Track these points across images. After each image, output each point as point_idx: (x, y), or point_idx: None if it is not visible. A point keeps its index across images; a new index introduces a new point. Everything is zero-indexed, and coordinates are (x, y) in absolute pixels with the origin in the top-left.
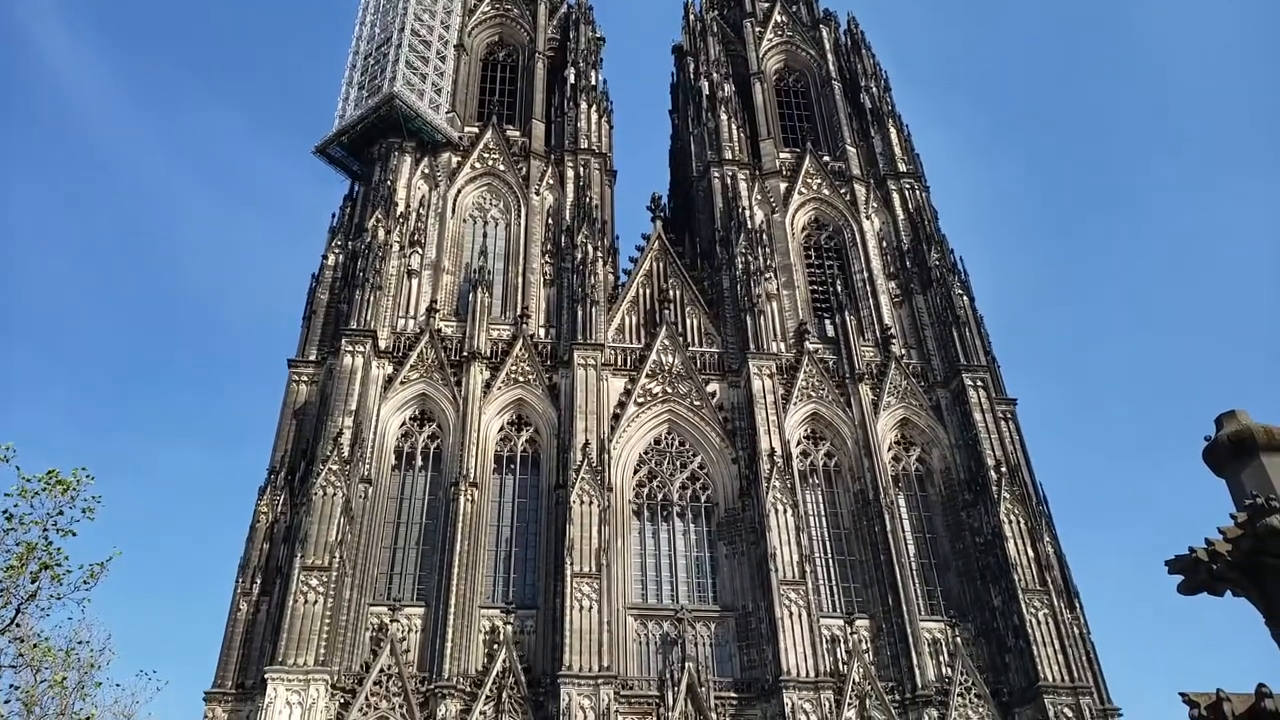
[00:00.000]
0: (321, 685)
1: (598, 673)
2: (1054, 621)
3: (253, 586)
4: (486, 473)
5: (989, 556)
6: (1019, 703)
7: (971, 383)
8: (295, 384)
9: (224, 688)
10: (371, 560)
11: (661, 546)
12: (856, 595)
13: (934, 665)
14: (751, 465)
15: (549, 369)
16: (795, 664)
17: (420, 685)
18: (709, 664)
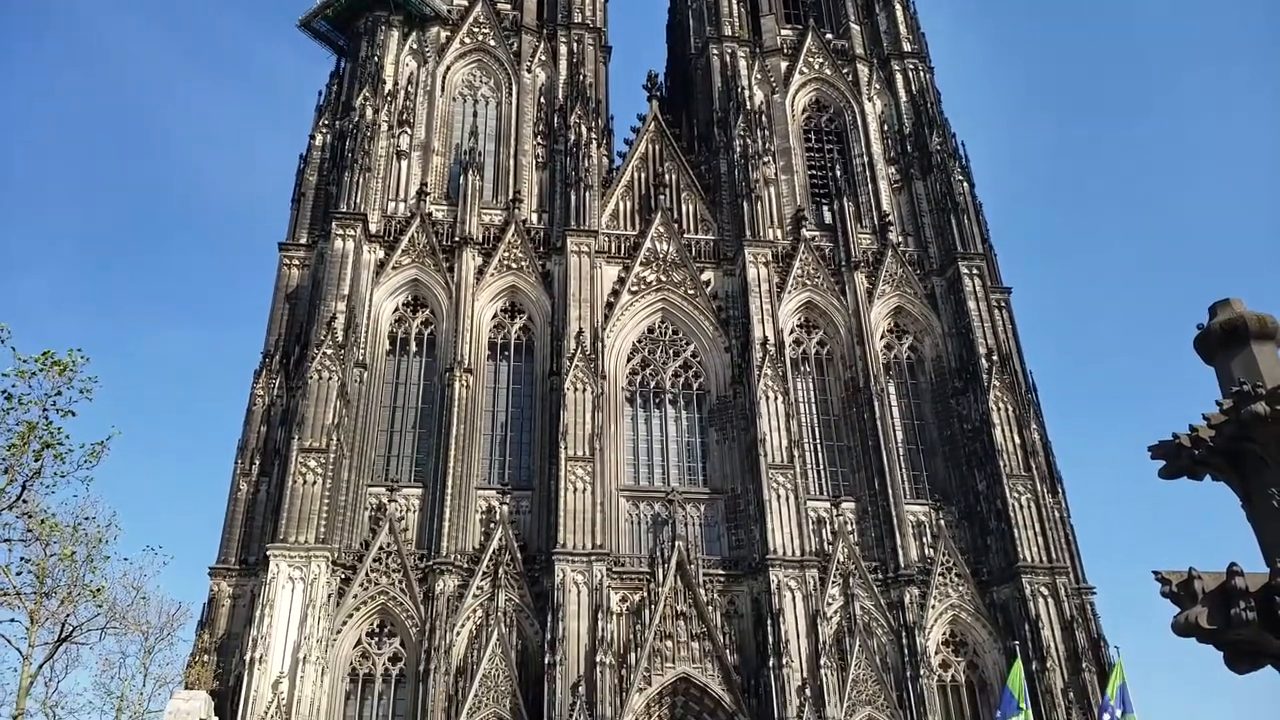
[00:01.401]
0: (322, 561)
1: (591, 550)
2: (1036, 505)
3: (251, 467)
4: (481, 359)
5: (975, 443)
6: (998, 582)
7: (967, 271)
8: (286, 268)
9: (228, 563)
10: (368, 443)
11: (654, 432)
12: (844, 479)
13: (917, 546)
14: (744, 354)
15: (542, 256)
16: (782, 544)
17: (419, 562)
18: (698, 543)
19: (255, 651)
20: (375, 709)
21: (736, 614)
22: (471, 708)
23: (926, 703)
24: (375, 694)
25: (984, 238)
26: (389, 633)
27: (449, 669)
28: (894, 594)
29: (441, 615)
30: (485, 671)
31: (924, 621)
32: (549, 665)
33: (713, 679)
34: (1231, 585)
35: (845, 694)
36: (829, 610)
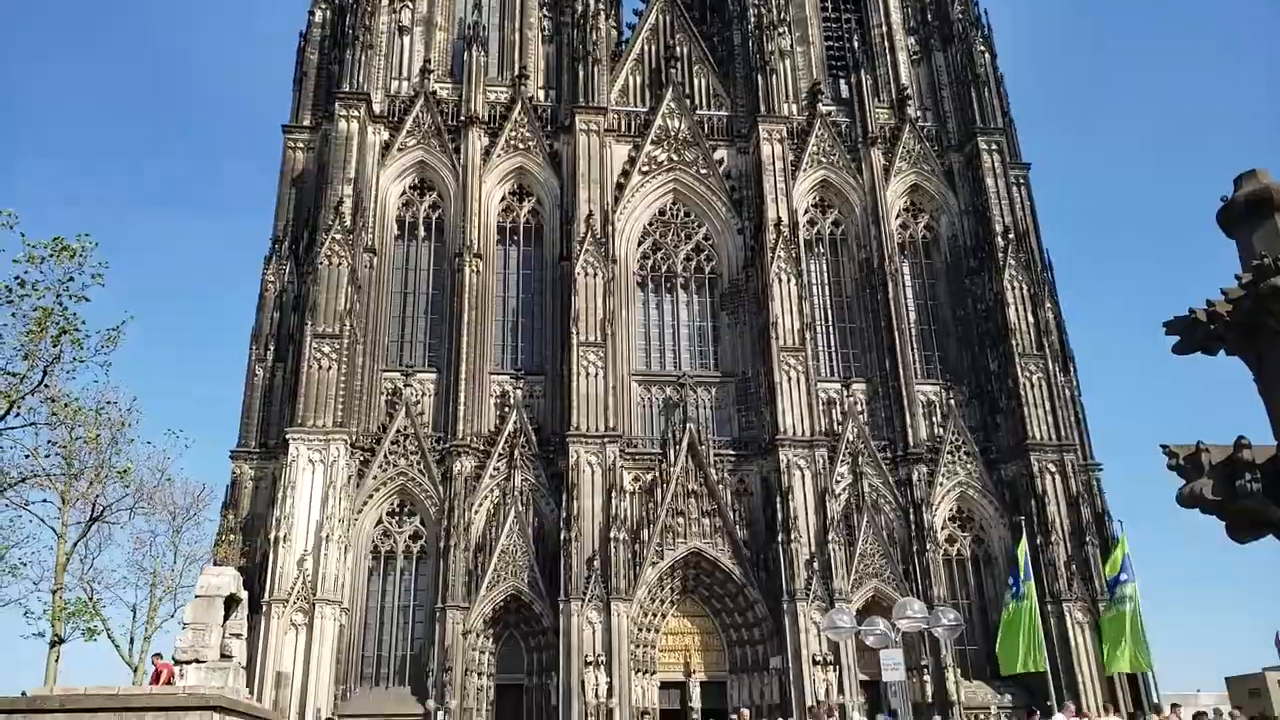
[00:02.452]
0: (341, 444)
1: (604, 432)
2: (1047, 384)
3: (266, 354)
4: (490, 244)
5: (989, 322)
6: (1006, 459)
7: (986, 146)
8: (291, 151)
9: (248, 447)
10: (381, 329)
11: (665, 317)
12: (855, 361)
13: (927, 426)
14: (757, 235)
15: (549, 135)
16: (792, 424)
17: (436, 445)
18: (709, 425)
19: (279, 531)
20: (398, 583)
21: (746, 492)
22: (491, 581)
23: (932, 575)
24: (397, 569)
25: (1004, 111)
26: (409, 512)
27: (468, 545)
28: (902, 472)
29: (460, 495)
30: (503, 547)
31: (931, 498)
32: (565, 541)
33: (723, 553)
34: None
35: (852, 567)
36: (837, 488)
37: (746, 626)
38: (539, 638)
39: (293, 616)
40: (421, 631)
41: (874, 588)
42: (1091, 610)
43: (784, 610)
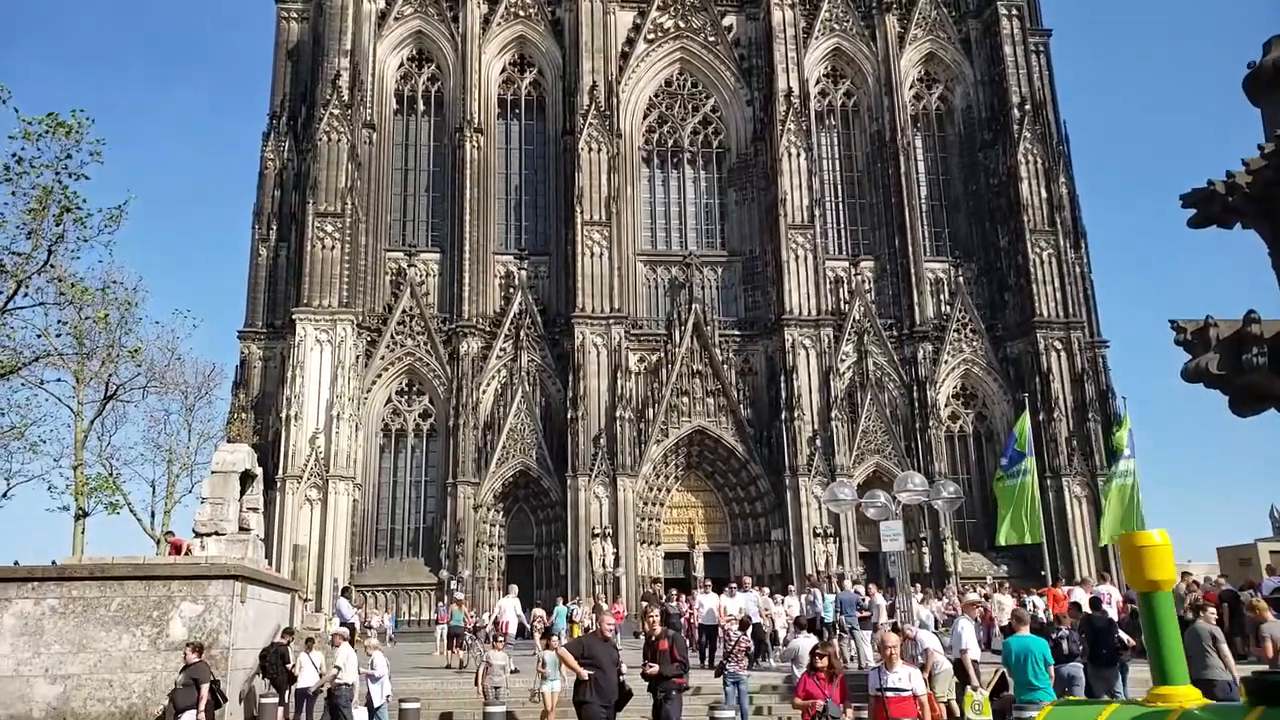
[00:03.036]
0: (347, 325)
1: (609, 314)
2: (1057, 260)
3: (269, 233)
4: (491, 118)
5: (1001, 198)
6: (1012, 337)
7: (1006, 11)
8: (285, 21)
9: (255, 327)
10: (383, 207)
11: (671, 194)
12: (863, 238)
13: (934, 303)
14: (767, 107)
15: (551, 2)
16: (798, 303)
17: (442, 325)
18: (715, 305)
19: (290, 409)
20: (409, 460)
21: (750, 371)
22: (500, 458)
23: (933, 451)
24: (408, 447)
25: None
26: (417, 391)
27: (477, 424)
28: (907, 350)
29: (467, 375)
30: (511, 426)
31: (936, 376)
32: (571, 420)
33: (726, 431)
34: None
35: (854, 444)
36: (842, 366)
37: (749, 500)
38: (547, 511)
39: (307, 492)
40: (433, 506)
41: (875, 463)
42: (1090, 485)
43: (786, 485)
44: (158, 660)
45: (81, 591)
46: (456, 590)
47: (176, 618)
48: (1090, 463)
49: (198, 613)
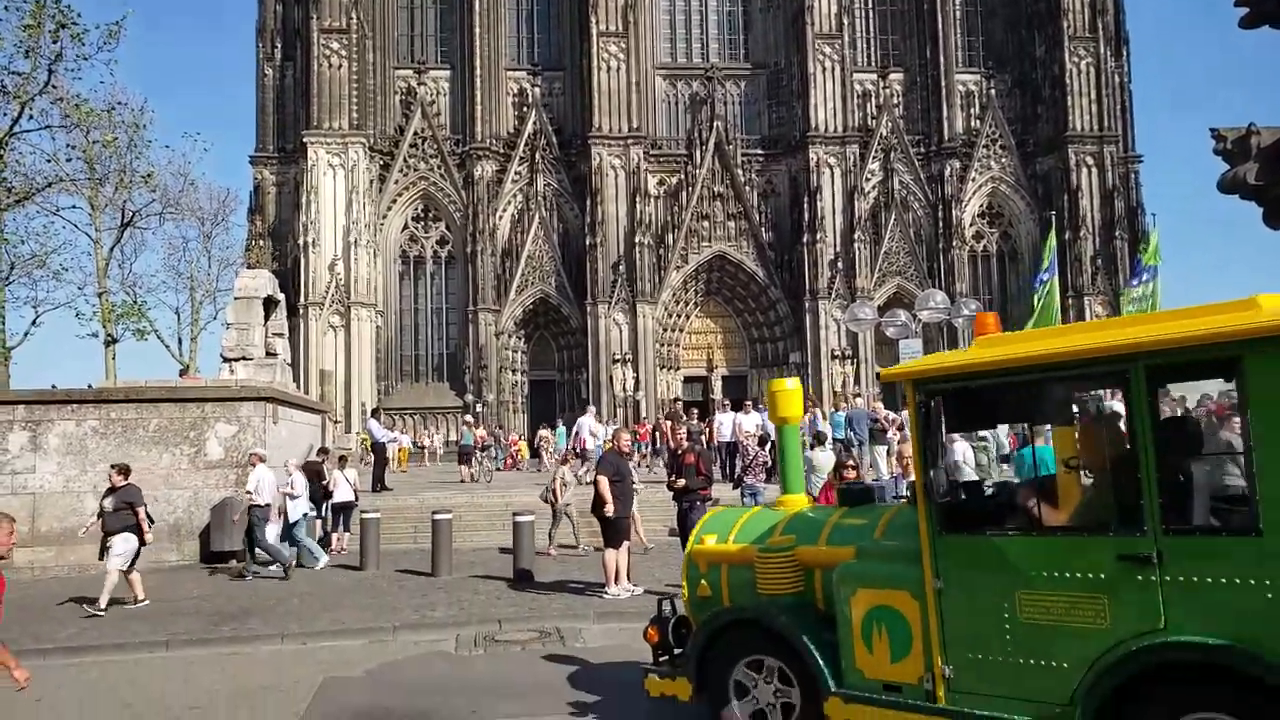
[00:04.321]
0: (359, 147)
1: (627, 133)
2: (1095, 71)
3: (274, 52)
4: None
5: (1040, 1)
6: (1043, 152)
7: None
8: None
9: (266, 151)
10: (390, 21)
11: (692, 1)
12: (893, 48)
13: (963, 118)
14: None
15: None
16: (824, 119)
17: (455, 147)
18: (737, 122)
19: (307, 236)
20: (429, 286)
21: (773, 193)
22: (519, 285)
23: (956, 271)
24: (427, 273)
25: None
26: (433, 217)
27: (494, 250)
28: (934, 168)
29: (482, 200)
30: (529, 253)
31: (962, 194)
32: (589, 247)
33: (747, 256)
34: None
35: (876, 265)
36: (867, 185)
37: (768, 325)
38: (568, 338)
39: (329, 319)
40: (455, 333)
41: (897, 285)
42: (1112, 304)
43: (805, 309)
44: (197, 478)
45: (120, 413)
46: (468, 413)
47: (213, 437)
48: (1114, 281)
49: (232, 433)
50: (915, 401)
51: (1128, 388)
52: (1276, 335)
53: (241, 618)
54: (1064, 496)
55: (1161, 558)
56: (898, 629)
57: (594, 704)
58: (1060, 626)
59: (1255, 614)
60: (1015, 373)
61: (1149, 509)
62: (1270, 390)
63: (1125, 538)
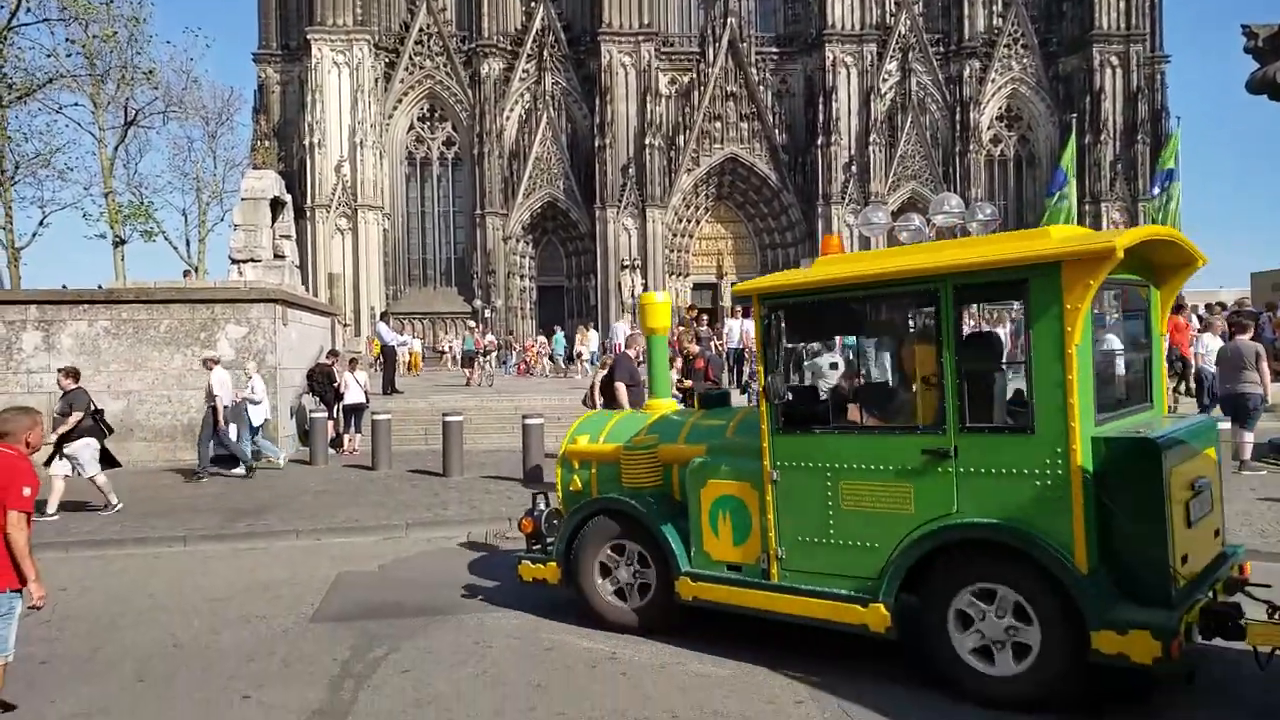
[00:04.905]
0: (364, 45)
1: (638, 30)
2: None
3: None
4: None
5: None
6: (1066, 52)
7: None
8: None
9: (270, 49)
10: None
11: None
12: None
13: (984, 16)
14: None
15: None
16: (841, 16)
17: (461, 45)
18: (751, 19)
19: (312, 136)
20: (435, 189)
21: (788, 93)
22: (527, 189)
23: (971, 176)
24: (434, 176)
25: None
26: (440, 117)
27: (502, 152)
28: (953, 68)
29: (489, 99)
30: (537, 155)
31: (981, 96)
32: (598, 149)
33: (759, 159)
34: None
35: (891, 169)
36: (884, 86)
37: (779, 231)
38: (576, 243)
39: (336, 221)
40: (463, 236)
41: (911, 189)
42: (1129, 210)
43: (818, 214)
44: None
45: (131, 314)
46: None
47: (223, 339)
48: (1133, 187)
49: (243, 334)
50: (760, 314)
51: (937, 305)
52: (1055, 262)
53: (257, 514)
54: (881, 400)
55: (957, 452)
56: (740, 516)
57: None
58: (874, 512)
59: (1027, 499)
60: (844, 290)
61: (949, 411)
62: (1047, 309)
63: (929, 435)
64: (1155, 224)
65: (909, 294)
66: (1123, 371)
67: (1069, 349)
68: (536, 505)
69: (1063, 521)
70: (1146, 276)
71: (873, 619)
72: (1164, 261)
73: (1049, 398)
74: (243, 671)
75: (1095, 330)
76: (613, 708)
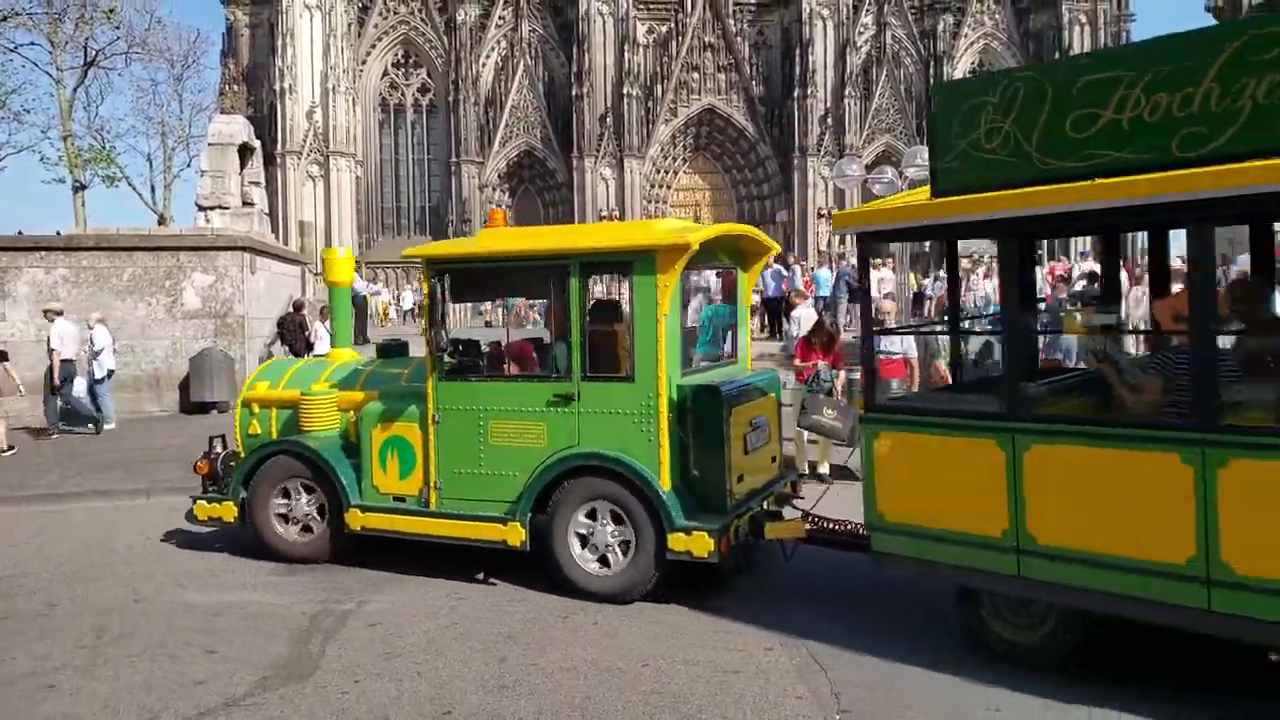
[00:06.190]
0: None
1: None
2: None
3: None
4: None
5: None
6: (1037, 9)
7: None
8: None
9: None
10: None
11: None
12: None
13: None
14: None
15: None
16: None
17: None
18: None
19: (283, 82)
20: (409, 136)
21: (765, 45)
22: (504, 137)
23: None
24: (408, 123)
25: None
26: (414, 64)
27: (478, 100)
28: (928, 23)
29: (465, 46)
30: (514, 103)
31: (954, 51)
32: (576, 97)
33: (737, 110)
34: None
35: (866, 123)
36: (859, 40)
37: (756, 183)
38: (554, 192)
39: (308, 168)
40: (438, 185)
41: (885, 143)
42: None
43: (794, 166)
44: (175, 328)
45: (91, 262)
46: None
47: (189, 287)
48: None
49: (209, 282)
50: (428, 277)
51: (568, 278)
52: (651, 249)
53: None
54: (528, 353)
55: (580, 396)
56: (406, 454)
57: None
58: (514, 446)
59: (628, 433)
60: (501, 261)
61: (574, 362)
62: (645, 285)
63: (558, 382)
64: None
65: (550, 268)
66: (714, 334)
67: (660, 316)
68: (213, 448)
69: (651, 450)
70: (736, 262)
71: (511, 535)
72: (749, 250)
73: (646, 353)
74: (208, 626)
75: (696, 300)
76: (585, 657)
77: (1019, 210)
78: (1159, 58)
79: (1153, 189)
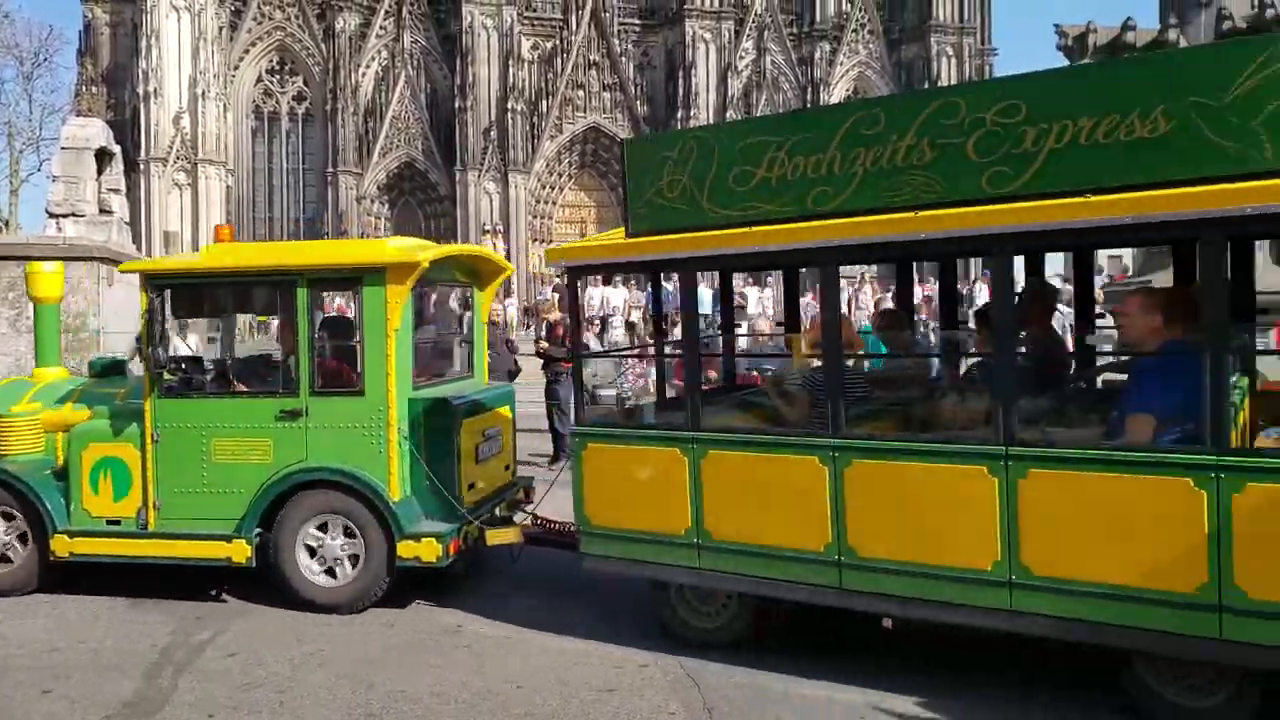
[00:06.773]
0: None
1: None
2: None
3: None
4: None
5: None
6: (908, 40)
7: None
8: None
9: None
10: None
11: None
12: None
13: (835, 1)
14: None
15: None
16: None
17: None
18: None
19: (148, 85)
20: (284, 145)
21: (650, 65)
22: (384, 147)
23: None
24: (283, 132)
25: None
26: (290, 71)
27: (357, 109)
28: (805, 50)
29: (344, 55)
30: (395, 113)
31: (830, 78)
32: (459, 110)
33: (622, 129)
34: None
35: None
36: (740, 64)
37: None
38: (435, 205)
39: (174, 176)
40: (314, 195)
41: None
42: None
43: None
44: (20, 343)
45: None
46: None
47: None
48: None
49: None
50: (146, 293)
51: (294, 294)
52: (381, 266)
53: None
54: (251, 369)
55: (308, 411)
56: (121, 475)
57: None
58: (239, 463)
59: (358, 447)
60: (225, 276)
61: (302, 378)
62: (375, 300)
63: (286, 397)
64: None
65: (276, 283)
66: (449, 349)
67: (390, 331)
68: None
69: (381, 462)
70: (473, 281)
71: (235, 553)
72: (485, 270)
73: (375, 368)
74: (43, 663)
75: (431, 315)
76: (455, 680)
77: (692, 251)
78: (798, 128)
79: (788, 238)
